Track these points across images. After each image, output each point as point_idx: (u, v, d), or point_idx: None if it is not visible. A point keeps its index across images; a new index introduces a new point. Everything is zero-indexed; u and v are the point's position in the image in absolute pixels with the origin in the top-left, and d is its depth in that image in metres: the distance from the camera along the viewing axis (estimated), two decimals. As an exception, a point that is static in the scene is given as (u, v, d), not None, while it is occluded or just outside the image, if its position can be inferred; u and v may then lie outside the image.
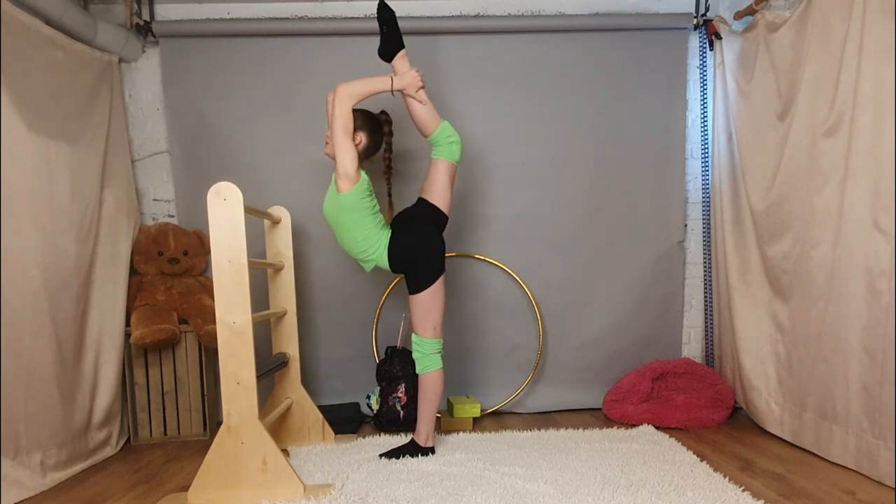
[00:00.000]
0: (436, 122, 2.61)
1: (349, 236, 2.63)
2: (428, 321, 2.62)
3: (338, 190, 2.54)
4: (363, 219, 2.59)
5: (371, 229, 2.61)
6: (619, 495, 2.14)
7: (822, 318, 2.53)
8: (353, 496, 2.19)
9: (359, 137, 2.59)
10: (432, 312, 2.62)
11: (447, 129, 2.63)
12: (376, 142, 2.68)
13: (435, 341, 2.64)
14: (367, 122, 2.63)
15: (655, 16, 3.35)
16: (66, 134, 2.67)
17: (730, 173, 3.18)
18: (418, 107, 2.59)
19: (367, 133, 2.62)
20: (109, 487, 2.42)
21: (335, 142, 2.48)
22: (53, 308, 2.51)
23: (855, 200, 2.35)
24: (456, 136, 2.64)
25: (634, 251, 3.43)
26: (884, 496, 2.13)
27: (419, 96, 2.58)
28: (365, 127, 2.61)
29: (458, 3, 3.34)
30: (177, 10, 3.28)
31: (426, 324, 2.62)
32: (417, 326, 2.64)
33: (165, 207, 3.36)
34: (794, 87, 2.68)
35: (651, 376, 3.21)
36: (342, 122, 2.47)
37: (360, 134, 2.59)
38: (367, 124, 2.62)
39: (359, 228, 2.60)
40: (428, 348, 2.64)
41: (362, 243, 2.63)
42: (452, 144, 2.63)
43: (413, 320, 2.66)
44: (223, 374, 2.22)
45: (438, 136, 2.62)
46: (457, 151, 2.65)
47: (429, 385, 2.66)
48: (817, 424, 2.58)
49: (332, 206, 2.61)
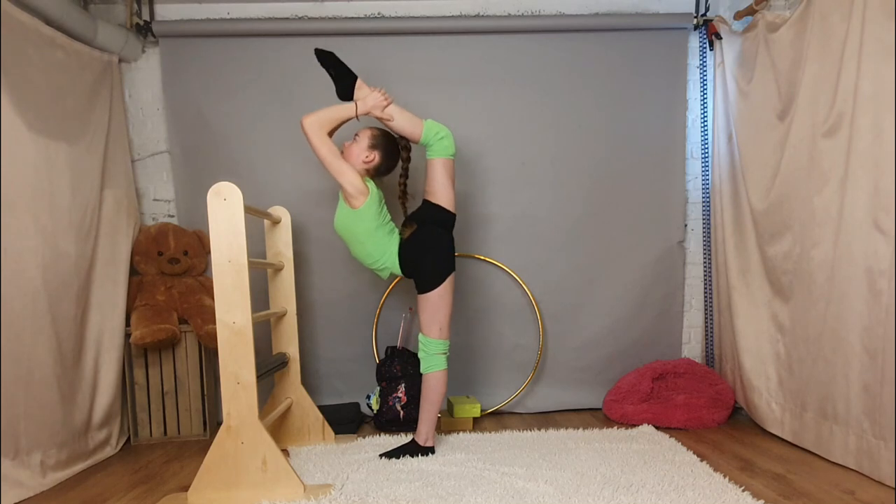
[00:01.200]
0: (419, 127, 2.60)
1: (362, 248, 2.66)
2: (435, 321, 2.63)
3: (351, 207, 2.57)
4: (376, 229, 2.62)
5: (382, 238, 2.64)
6: (619, 495, 2.14)
7: (823, 318, 2.53)
8: (353, 496, 2.19)
9: (372, 155, 2.63)
10: (440, 312, 2.63)
11: (433, 128, 2.61)
12: (389, 165, 2.70)
13: (440, 342, 2.65)
14: (386, 144, 2.66)
15: (655, 16, 3.35)
16: (66, 134, 2.67)
17: (730, 173, 3.18)
18: (396, 122, 2.61)
19: (381, 153, 2.64)
20: (109, 487, 2.42)
21: (331, 170, 2.52)
22: (53, 308, 2.51)
23: (855, 200, 2.35)
24: (444, 131, 2.61)
25: (634, 251, 3.43)
26: (884, 496, 2.13)
27: (386, 115, 2.60)
28: (380, 147, 2.64)
29: (458, 3, 3.34)
30: (177, 10, 3.28)
31: (432, 324, 2.63)
32: (424, 326, 2.65)
33: (165, 207, 3.36)
34: (794, 87, 2.68)
35: (651, 376, 3.20)
36: (325, 150, 2.50)
37: (374, 152, 2.63)
38: (383, 145, 2.65)
39: (370, 240, 2.63)
40: (433, 348, 2.64)
41: (374, 253, 2.65)
42: (443, 140, 2.61)
43: (421, 319, 2.67)
44: (223, 374, 2.22)
45: (427, 137, 2.61)
46: (449, 146, 2.63)
47: (431, 385, 2.66)
48: (818, 424, 2.58)
49: (345, 221, 2.63)
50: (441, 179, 2.64)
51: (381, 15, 3.32)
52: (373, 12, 3.33)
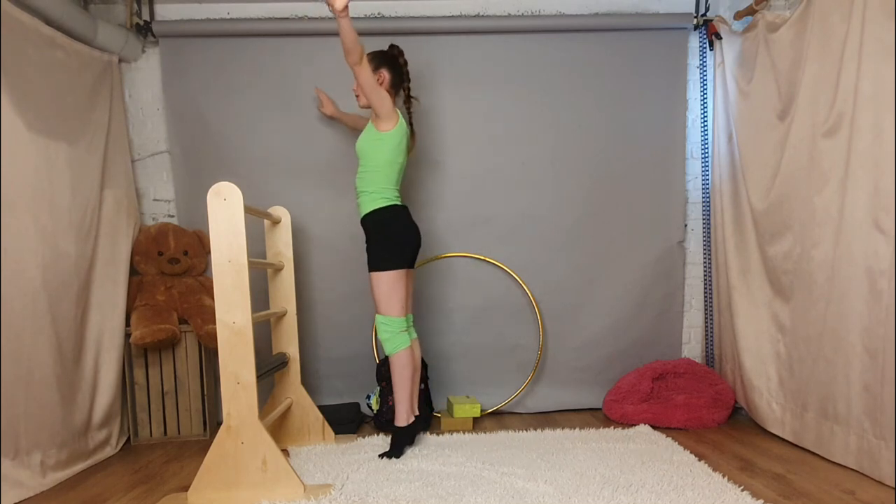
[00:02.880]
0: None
1: (369, 176, 2.69)
2: (393, 299, 2.65)
3: (379, 129, 2.65)
4: (391, 164, 2.68)
5: (388, 180, 2.69)
6: (619, 495, 2.14)
7: (823, 318, 2.53)
8: (353, 496, 2.19)
9: (381, 75, 2.70)
10: (397, 292, 2.65)
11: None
12: (399, 73, 2.77)
13: (401, 319, 2.68)
14: (385, 59, 2.73)
15: (655, 16, 3.35)
16: (66, 134, 2.67)
17: (730, 173, 3.18)
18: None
19: (387, 69, 2.72)
20: (109, 487, 2.42)
21: (368, 93, 2.56)
22: (53, 308, 2.51)
23: (855, 200, 2.35)
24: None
25: (634, 251, 3.43)
26: (884, 496, 2.13)
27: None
28: (384, 63, 2.72)
29: (458, 3, 3.34)
30: (177, 10, 3.28)
31: (392, 302, 2.65)
32: (382, 306, 2.66)
33: (165, 207, 3.36)
34: (794, 87, 2.68)
35: (651, 376, 3.20)
36: (366, 75, 2.52)
37: (381, 71, 2.70)
38: (385, 61, 2.73)
39: (381, 172, 2.67)
40: (397, 326, 2.67)
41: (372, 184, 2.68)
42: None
43: (376, 300, 2.68)
44: (223, 374, 2.22)
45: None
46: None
47: (402, 364, 2.68)
48: (818, 424, 2.57)
49: (369, 142, 2.69)
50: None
51: (381, 15, 3.32)
52: (373, 12, 3.33)
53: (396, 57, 2.77)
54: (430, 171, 3.36)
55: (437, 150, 3.36)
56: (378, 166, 2.68)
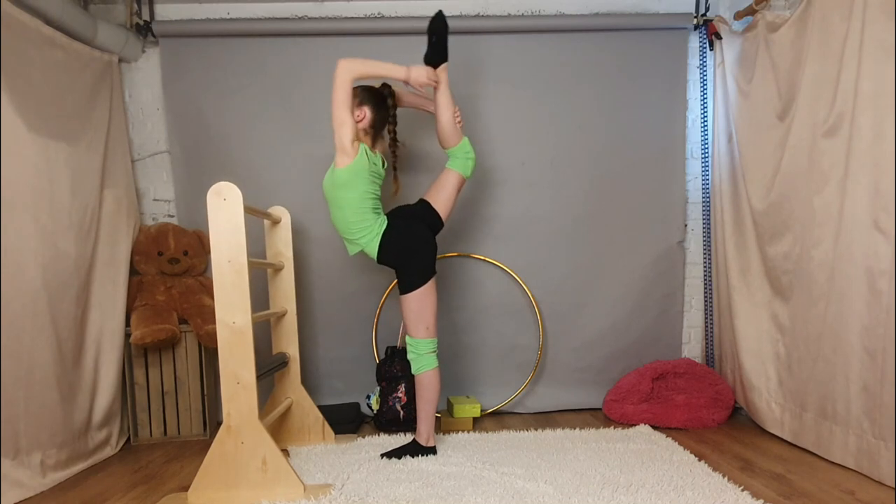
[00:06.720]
0: (458, 138, 2.69)
1: (341, 215, 2.60)
2: (421, 322, 2.63)
3: (337, 167, 2.53)
4: (360, 201, 2.56)
5: (366, 214, 2.58)
6: (619, 495, 2.14)
7: (823, 318, 2.53)
8: (353, 496, 2.19)
9: (362, 112, 2.56)
10: (424, 313, 2.63)
11: (467, 145, 2.71)
12: (383, 116, 2.64)
13: (429, 341, 2.65)
14: (371, 96, 2.60)
15: (655, 16, 3.35)
16: (66, 134, 2.67)
17: (730, 173, 3.18)
18: (443, 120, 2.64)
19: (371, 107, 2.58)
20: (109, 487, 2.42)
21: (333, 115, 2.45)
22: (53, 308, 2.51)
23: (855, 200, 2.35)
24: (473, 154, 2.73)
25: (634, 251, 3.43)
26: (884, 496, 2.13)
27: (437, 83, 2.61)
28: (368, 101, 2.58)
29: (458, 3, 3.33)
30: (177, 10, 3.28)
31: (419, 325, 2.63)
32: (410, 328, 2.65)
33: (165, 207, 3.36)
34: (794, 87, 2.68)
35: (651, 376, 3.20)
36: (342, 96, 2.43)
37: (363, 108, 2.57)
38: (370, 99, 2.59)
39: (352, 210, 2.57)
40: (423, 348, 2.64)
41: (353, 226, 2.59)
42: (468, 161, 2.72)
43: (406, 322, 2.67)
44: (223, 374, 2.22)
45: (459, 148, 2.70)
46: (470, 167, 2.74)
47: (425, 385, 2.66)
48: (818, 424, 2.57)
49: (328, 181, 2.61)
50: (449, 190, 2.72)
51: (381, 15, 3.32)
52: (373, 12, 3.33)
53: (385, 98, 2.64)
54: (430, 171, 3.35)
55: (436, 150, 3.35)
56: (349, 203, 2.55)
